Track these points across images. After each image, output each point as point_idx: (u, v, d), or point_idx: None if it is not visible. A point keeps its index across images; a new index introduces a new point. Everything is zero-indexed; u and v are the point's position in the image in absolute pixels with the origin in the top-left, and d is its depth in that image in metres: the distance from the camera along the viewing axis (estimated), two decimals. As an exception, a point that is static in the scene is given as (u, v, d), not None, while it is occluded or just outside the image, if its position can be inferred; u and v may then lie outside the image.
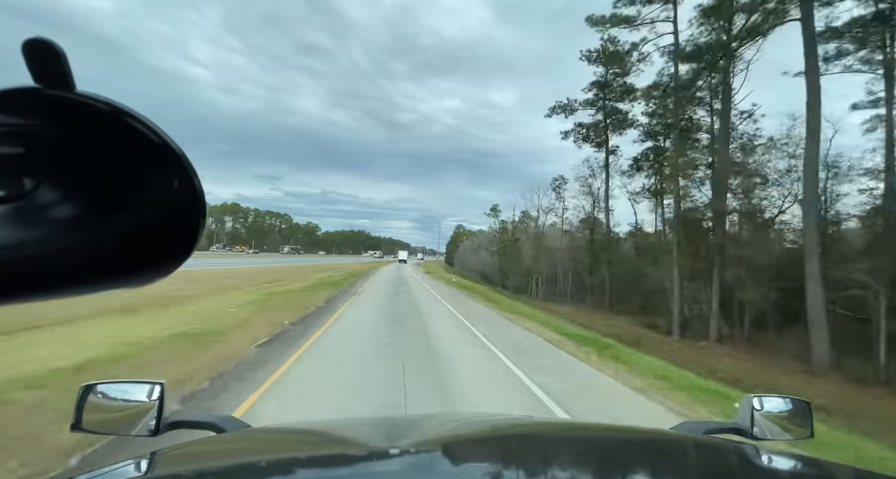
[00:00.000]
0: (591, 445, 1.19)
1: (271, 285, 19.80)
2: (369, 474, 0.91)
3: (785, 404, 1.33)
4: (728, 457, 1.05)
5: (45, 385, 4.59)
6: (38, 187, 0.33)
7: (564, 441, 1.23)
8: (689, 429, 1.36)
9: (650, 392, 6.28)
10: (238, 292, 16.13)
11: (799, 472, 1.01)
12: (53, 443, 3.38)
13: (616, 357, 8.82)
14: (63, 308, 8.72)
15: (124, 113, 0.33)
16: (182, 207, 0.37)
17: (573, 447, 1.17)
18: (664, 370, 8.15)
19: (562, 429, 1.55)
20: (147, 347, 6.76)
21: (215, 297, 14.28)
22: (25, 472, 3.07)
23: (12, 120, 0.32)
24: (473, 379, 6.32)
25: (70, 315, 8.64)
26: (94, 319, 8.76)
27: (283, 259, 74.38)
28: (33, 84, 0.30)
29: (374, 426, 1.49)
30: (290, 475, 0.92)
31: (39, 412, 3.93)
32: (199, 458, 1.01)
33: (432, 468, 0.94)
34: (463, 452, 1.06)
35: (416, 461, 0.97)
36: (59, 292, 0.35)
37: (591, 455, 1.09)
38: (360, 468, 0.96)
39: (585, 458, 1.07)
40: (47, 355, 5.84)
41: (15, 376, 4.77)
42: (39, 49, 0.29)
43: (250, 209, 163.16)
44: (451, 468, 0.95)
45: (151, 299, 11.29)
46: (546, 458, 1.03)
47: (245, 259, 63.55)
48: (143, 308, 10.28)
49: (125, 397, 1.15)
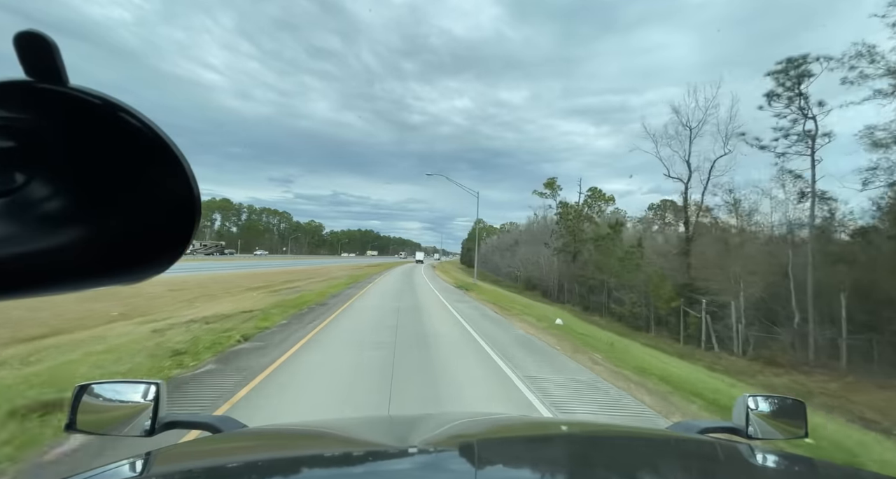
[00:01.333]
0: (588, 444, 1.19)
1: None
2: (367, 473, 0.90)
3: (780, 403, 1.32)
4: (723, 456, 1.05)
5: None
6: (29, 182, 0.32)
7: (563, 440, 1.25)
8: (684, 428, 1.36)
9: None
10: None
11: (794, 471, 1.00)
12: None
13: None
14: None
15: (118, 107, 0.33)
16: (176, 203, 0.36)
17: (571, 446, 1.19)
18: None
19: (560, 428, 1.52)
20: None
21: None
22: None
23: (4, 114, 0.31)
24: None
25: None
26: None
27: (229, 264, 47.91)
28: (25, 77, 0.29)
29: (370, 426, 1.52)
30: (286, 475, 0.90)
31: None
32: (195, 458, 1.01)
33: (431, 468, 0.92)
34: (462, 451, 1.03)
35: (415, 461, 0.95)
36: (50, 288, 0.34)
37: (588, 455, 1.09)
38: (358, 468, 0.94)
39: (583, 457, 1.06)
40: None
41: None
42: (31, 42, 0.28)
43: (243, 206, 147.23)
44: (451, 467, 0.93)
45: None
46: (545, 457, 1.04)
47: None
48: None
49: (120, 397, 1.14)
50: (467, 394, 5.25)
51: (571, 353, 8.27)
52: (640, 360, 8.76)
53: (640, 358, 9.13)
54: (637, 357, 9.20)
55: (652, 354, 11.94)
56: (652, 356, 10.81)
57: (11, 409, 3.80)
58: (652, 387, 6.27)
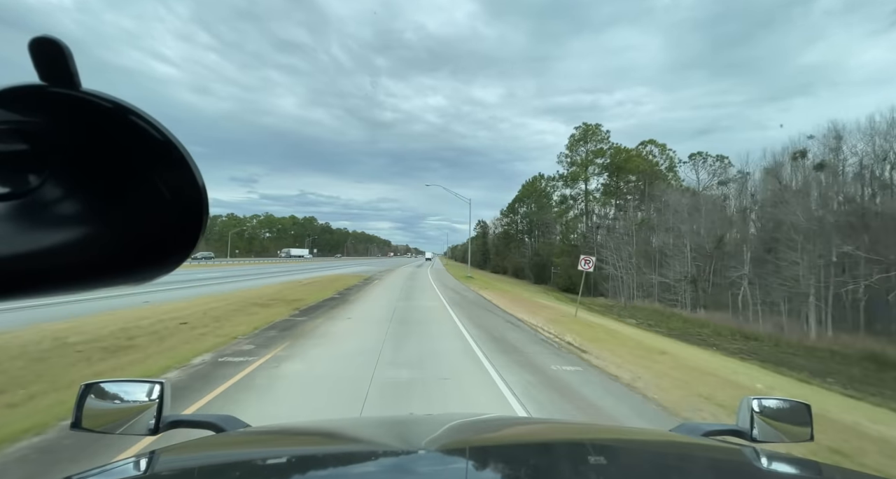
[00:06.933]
0: (592, 448, 1.14)
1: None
2: (368, 473, 0.90)
3: (784, 405, 1.29)
4: (728, 459, 1.04)
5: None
6: (42, 185, 0.33)
7: (566, 444, 1.22)
8: (688, 431, 1.34)
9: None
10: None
11: (799, 475, 0.98)
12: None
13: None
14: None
15: (129, 111, 0.33)
16: (185, 205, 0.37)
17: (574, 448, 1.15)
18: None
19: (562, 431, 1.51)
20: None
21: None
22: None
23: (18, 117, 0.32)
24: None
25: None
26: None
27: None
28: (39, 82, 0.30)
29: (374, 426, 1.49)
30: (288, 475, 0.89)
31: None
32: (199, 457, 1.00)
33: (432, 468, 0.91)
34: (463, 452, 1.03)
35: (415, 461, 0.94)
36: (62, 288, 0.35)
37: (591, 458, 1.05)
38: (359, 468, 0.94)
39: (585, 460, 1.03)
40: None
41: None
42: (45, 47, 0.29)
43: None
44: (452, 467, 0.92)
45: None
46: (547, 460, 1.02)
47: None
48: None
49: (125, 396, 1.14)
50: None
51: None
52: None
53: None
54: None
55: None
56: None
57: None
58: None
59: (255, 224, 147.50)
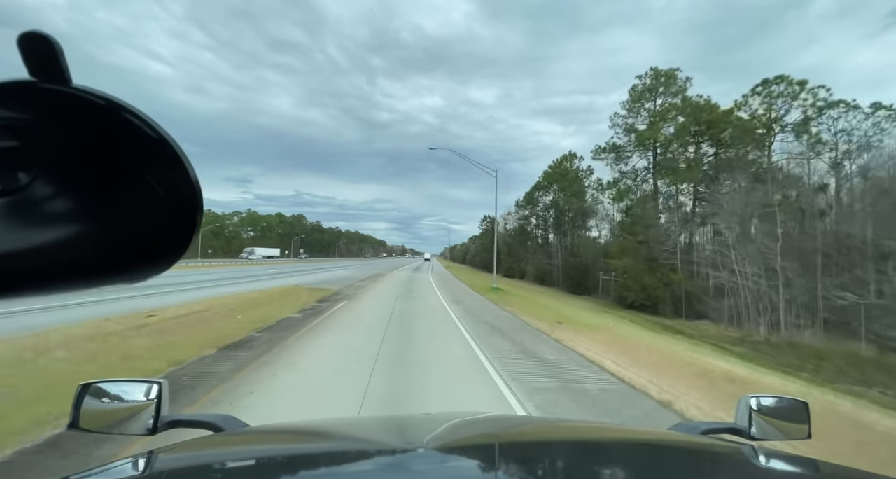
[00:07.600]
0: (589, 445, 1.17)
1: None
2: (368, 472, 0.90)
3: (782, 404, 1.30)
4: (726, 458, 1.04)
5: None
6: (33, 182, 0.32)
7: (566, 442, 1.22)
8: (686, 429, 1.35)
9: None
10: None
11: (797, 473, 0.98)
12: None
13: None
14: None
15: (121, 108, 0.33)
16: (179, 204, 0.36)
17: (573, 447, 1.15)
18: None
19: (561, 429, 1.51)
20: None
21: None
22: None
23: (7, 113, 0.31)
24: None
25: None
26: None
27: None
28: (29, 78, 0.30)
29: (373, 425, 1.50)
30: (287, 474, 0.89)
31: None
32: (197, 457, 0.99)
33: (431, 466, 0.91)
34: (463, 451, 1.03)
35: (415, 459, 0.93)
36: (54, 288, 0.34)
37: (590, 456, 1.06)
38: (359, 466, 0.94)
39: (584, 458, 1.04)
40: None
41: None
42: (35, 42, 0.29)
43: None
44: (451, 465, 0.92)
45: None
46: (548, 458, 1.02)
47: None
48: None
49: (123, 395, 1.13)
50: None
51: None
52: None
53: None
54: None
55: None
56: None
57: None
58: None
59: (236, 222, 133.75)
